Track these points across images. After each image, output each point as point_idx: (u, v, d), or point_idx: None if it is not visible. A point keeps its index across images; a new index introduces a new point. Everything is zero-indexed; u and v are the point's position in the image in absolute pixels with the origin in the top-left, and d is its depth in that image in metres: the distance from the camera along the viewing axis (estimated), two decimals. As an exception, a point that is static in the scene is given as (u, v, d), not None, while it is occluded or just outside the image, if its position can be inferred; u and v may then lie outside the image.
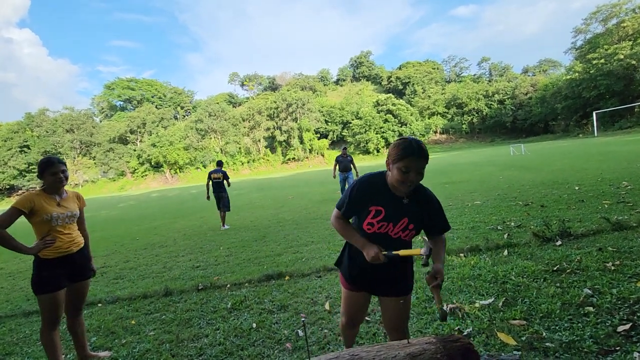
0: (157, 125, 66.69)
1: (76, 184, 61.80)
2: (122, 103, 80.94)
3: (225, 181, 8.30)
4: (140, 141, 65.90)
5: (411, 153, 1.46)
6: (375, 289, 1.74)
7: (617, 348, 1.90)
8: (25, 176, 59.00)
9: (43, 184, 2.38)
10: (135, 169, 63.60)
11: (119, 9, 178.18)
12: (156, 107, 73.87)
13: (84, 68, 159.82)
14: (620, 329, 2.07)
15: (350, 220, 1.75)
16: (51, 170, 2.32)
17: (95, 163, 63.88)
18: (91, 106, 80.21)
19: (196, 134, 63.59)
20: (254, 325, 2.84)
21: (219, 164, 8.51)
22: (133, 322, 3.24)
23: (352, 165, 9.87)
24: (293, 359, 2.30)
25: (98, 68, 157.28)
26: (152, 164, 61.90)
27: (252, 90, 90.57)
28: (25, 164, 58.36)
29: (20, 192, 60.76)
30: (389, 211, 1.56)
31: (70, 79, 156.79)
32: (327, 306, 3.02)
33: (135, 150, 64.28)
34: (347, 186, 9.34)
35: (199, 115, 65.43)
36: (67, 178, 2.40)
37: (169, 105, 79.29)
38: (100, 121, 75.21)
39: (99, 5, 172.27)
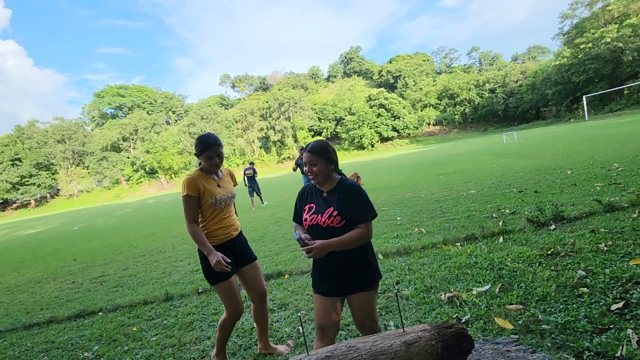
0: (150, 131, 66.31)
1: (71, 195, 61.36)
2: (113, 110, 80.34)
3: (254, 175, 11.46)
4: (134, 148, 65.52)
5: (303, 149, 1.85)
6: (337, 289, 1.78)
7: (611, 326, 1.94)
8: (19, 189, 58.45)
9: (200, 163, 2.24)
10: (130, 177, 63.25)
11: (104, 15, 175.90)
12: (147, 113, 73.44)
13: (71, 77, 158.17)
14: (613, 307, 2.11)
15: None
16: (207, 154, 2.16)
17: (89, 172, 63.44)
18: (82, 115, 79.73)
19: (189, 138, 63.27)
20: (255, 325, 2.85)
21: (251, 163, 12.29)
22: (135, 328, 3.25)
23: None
24: (294, 355, 2.33)
25: (86, 76, 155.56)
26: (147, 170, 61.60)
27: (244, 91, 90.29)
28: (17, 177, 57.81)
29: (14, 206, 60.21)
30: (317, 205, 1.81)
31: (58, 89, 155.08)
32: (327, 302, 3.04)
33: (129, 158, 63.91)
34: None
35: (191, 119, 65.15)
36: (222, 161, 2.23)
37: (161, 111, 78.83)
38: (92, 130, 74.64)
39: (83, 13, 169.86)
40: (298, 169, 9.30)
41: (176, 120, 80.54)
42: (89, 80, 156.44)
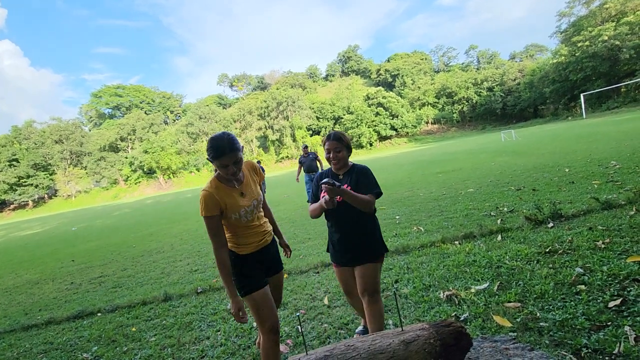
0: (148, 131, 66.15)
1: (69, 195, 61.16)
2: (110, 110, 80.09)
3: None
4: (132, 148, 65.34)
5: (327, 139, 2.15)
6: (349, 261, 2.11)
7: (609, 323, 1.95)
8: (16, 190, 58.23)
9: (216, 169, 1.88)
10: (128, 177, 63.09)
11: (102, 15, 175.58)
12: (145, 112, 73.26)
13: (68, 77, 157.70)
14: (611, 304, 2.12)
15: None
16: (221, 162, 1.75)
17: (87, 173, 63.24)
18: (79, 115, 79.49)
19: (187, 137, 63.21)
20: (255, 324, 2.86)
21: (258, 162, 10.77)
22: (134, 329, 3.24)
23: (317, 163, 9.10)
24: (293, 354, 2.33)
25: (83, 76, 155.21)
26: (145, 170, 61.45)
27: (242, 91, 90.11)
28: (15, 177, 57.58)
29: (11, 206, 59.99)
30: None
31: (55, 89, 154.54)
32: (325, 301, 3.05)
33: (127, 158, 63.73)
34: None
35: (189, 119, 65.03)
36: (240, 168, 1.82)
37: (159, 111, 78.63)
38: (90, 130, 74.41)
39: (80, 13, 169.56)
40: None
41: (174, 120, 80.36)
42: (86, 80, 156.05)
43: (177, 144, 62.55)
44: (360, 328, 2.44)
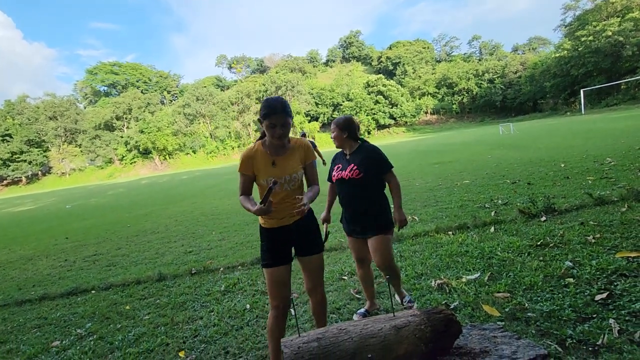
0: (144, 111, 65.29)
1: (63, 173, 60.70)
2: (106, 88, 78.74)
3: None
4: (127, 127, 64.57)
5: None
6: (360, 233, 2.33)
7: (594, 315, 2.00)
8: (9, 165, 57.66)
9: (263, 131, 1.90)
10: (124, 156, 62.56)
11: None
12: (142, 92, 72.10)
13: (62, 52, 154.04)
14: (597, 297, 2.16)
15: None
16: (270, 121, 1.77)
17: (81, 151, 62.62)
18: (74, 92, 78.04)
19: (184, 119, 62.52)
20: (248, 306, 2.90)
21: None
22: (127, 307, 3.27)
23: (314, 152, 9.07)
24: (285, 336, 2.37)
25: (77, 52, 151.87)
26: (141, 150, 60.92)
27: (241, 73, 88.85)
28: (8, 153, 56.91)
29: (4, 182, 59.50)
30: (342, 164, 2.38)
31: (48, 64, 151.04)
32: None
33: (122, 137, 63.03)
34: None
35: (186, 100, 64.18)
36: (287, 133, 1.85)
37: (155, 90, 77.45)
38: (85, 107, 73.30)
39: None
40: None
41: (171, 101, 79.27)
42: (81, 55, 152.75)
43: (174, 124, 61.88)
44: (361, 310, 2.51)
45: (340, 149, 2.47)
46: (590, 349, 1.75)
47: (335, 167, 2.41)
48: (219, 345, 2.37)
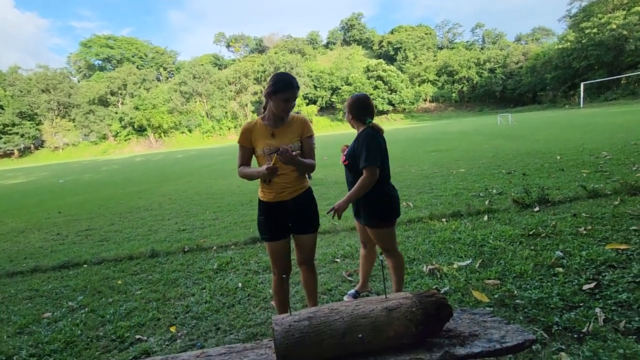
0: (139, 87, 64.04)
1: (56, 147, 59.87)
2: (100, 62, 76.80)
3: None
4: (122, 103, 63.41)
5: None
6: (360, 218, 2.28)
7: (581, 304, 2.04)
8: (1, 138, 56.64)
9: (265, 104, 1.97)
10: (118, 133, 61.68)
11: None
12: (137, 67, 70.41)
13: (55, 23, 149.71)
14: (585, 287, 2.20)
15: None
16: (285, 95, 1.84)
17: (75, 126, 61.54)
18: (67, 65, 75.98)
19: (180, 97, 61.48)
20: (240, 284, 2.91)
21: None
22: (119, 282, 3.28)
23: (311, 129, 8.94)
24: (276, 314, 2.39)
25: (71, 23, 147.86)
26: (135, 127, 60.05)
27: (239, 52, 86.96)
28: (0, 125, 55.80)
29: (-4, 154, 58.59)
30: (348, 148, 2.27)
31: (41, 34, 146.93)
32: (311, 267, 3.10)
33: (117, 113, 61.95)
34: None
35: (183, 77, 62.93)
36: (291, 110, 1.96)
37: (151, 66, 75.68)
38: (78, 81, 71.59)
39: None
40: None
41: (167, 78, 77.69)
42: (75, 27, 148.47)
43: (170, 102, 60.85)
44: (351, 291, 2.54)
45: None
46: (575, 336, 1.78)
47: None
48: (210, 322, 2.39)
